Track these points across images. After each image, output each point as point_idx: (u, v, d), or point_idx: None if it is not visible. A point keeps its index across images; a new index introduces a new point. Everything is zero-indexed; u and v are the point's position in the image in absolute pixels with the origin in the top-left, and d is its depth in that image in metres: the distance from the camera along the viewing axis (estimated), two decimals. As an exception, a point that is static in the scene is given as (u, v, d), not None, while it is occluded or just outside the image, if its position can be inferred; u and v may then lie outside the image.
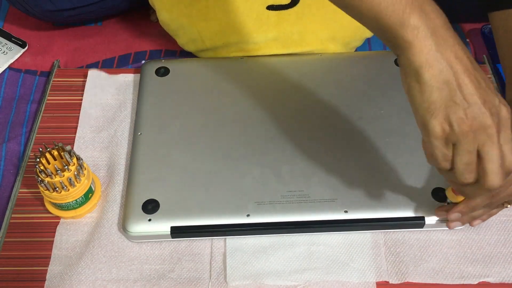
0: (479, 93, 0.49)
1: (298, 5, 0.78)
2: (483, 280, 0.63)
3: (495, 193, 0.57)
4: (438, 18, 0.49)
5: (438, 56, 0.48)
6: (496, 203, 0.60)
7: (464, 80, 0.48)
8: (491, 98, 0.49)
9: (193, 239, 0.66)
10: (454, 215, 0.62)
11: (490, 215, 0.64)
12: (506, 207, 0.62)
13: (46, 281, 0.63)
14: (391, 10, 0.48)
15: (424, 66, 0.48)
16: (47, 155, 0.64)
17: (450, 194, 0.63)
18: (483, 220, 0.64)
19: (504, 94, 0.81)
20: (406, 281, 0.63)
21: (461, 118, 0.48)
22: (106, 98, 0.80)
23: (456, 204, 0.62)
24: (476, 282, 0.63)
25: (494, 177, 0.50)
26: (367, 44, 0.88)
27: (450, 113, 0.48)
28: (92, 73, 0.82)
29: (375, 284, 0.63)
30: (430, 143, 0.51)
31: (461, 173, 0.51)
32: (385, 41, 0.51)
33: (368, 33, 0.84)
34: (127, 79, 0.83)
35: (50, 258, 0.65)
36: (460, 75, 0.48)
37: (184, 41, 0.83)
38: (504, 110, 0.50)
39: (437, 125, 0.49)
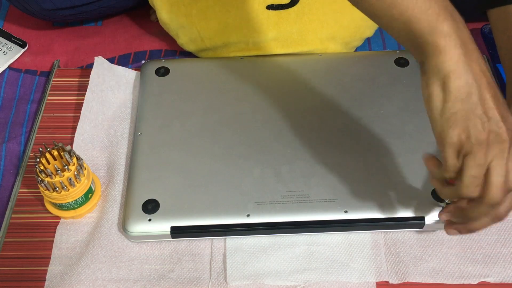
0: (499, 109, 0.49)
1: (297, 4, 0.78)
2: (483, 280, 0.63)
3: (496, 210, 0.56)
4: (465, 29, 0.50)
5: (466, 67, 0.48)
6: (496, 219, 0.58)
7: (486, 94, 0.49)
8: (508, 115, 0.50)
9: (193, 239, 0.66)
10: (444, 215, 0.61)
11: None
12: None
13: (46, 281, 0.63)
14: (425, 15, 0.49)
15: (452, 76, 0.48)
16: (47, 155, 0.65)
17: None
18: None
19: (504, 93, 0.82)
20: (406, 281, 0.63)
21: (480, 131, 0.49)
22: (106, 98, 0.80)
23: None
24: (476, 282, 0.63)
25: (496, 191, 0.50)
26: (367, 44, 0.88)
27: (470, 125, 0.49)
28: (97, 60, 0.82)
29: (375, 284, 0.63)
30: (444, 152, 0.51)
31: (467, 186, 0.51)
32: (412, 46, 0.51)
33: (368, 33, 0.84)
34: (127, 79, 0.83)
35: (50, 258, 0.65)
36: (483, 89, 0.49)
37: (184, 41, 0.83)
38: None
39: (454, 136, 0.49)
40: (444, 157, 0.52)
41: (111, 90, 0.80)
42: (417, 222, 0.65)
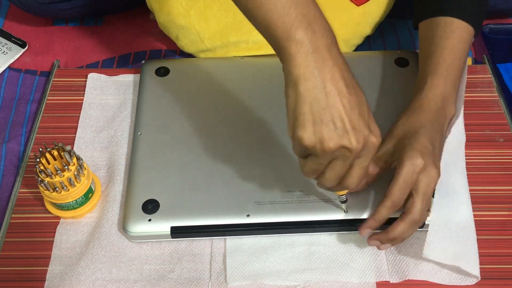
0: (350, 118, 0.50)
1: (297, 3, 0.78)
2: (483, 279, 0.63)
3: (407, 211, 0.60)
4: (324, 37, 0.51)
5: (315, 72, 0.50)
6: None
7: (335, 102, 0.50)
8: (361, 126, 0.51)
9: (193, 239, 0.66)
10: (365, 230, 0.62)
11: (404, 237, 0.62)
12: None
13: (46, 281, 0.63)
14: (281, 22, 0.50)
15: (300, 79, 0.50)
16: (47, 155, 0.65)
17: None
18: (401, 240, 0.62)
19: (504, 94, 0.82)
20: (406, 279, 0.63)
21: (324, 139, 0.50)
22: (106, 99, 0.80)
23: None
24: (475, 282, 0.63)
25: (325, 182, 0.56)
26: (367, 44, 0.88)
27: (316, 130, 0.50)
28: (92, 76, 0.82)
29: (375, 284, 0.63)
30: (294, 147, 0.54)
31: (306, 174, 0.56)
32: (274, 49, 0.53)
33: (367, 31, 0.84)
34: (127, 79, 0.83)
35: (50, 258, 0.65)
36: (332, 97, 0.50)
37: (184, 43, 0.83)
38: (373, 140, 0.53)
39: (304, 137, 0.51)
40: (295, 151, 0.55)
41: (110, 95, 0.81)
42: (417, 222, 0.65)
